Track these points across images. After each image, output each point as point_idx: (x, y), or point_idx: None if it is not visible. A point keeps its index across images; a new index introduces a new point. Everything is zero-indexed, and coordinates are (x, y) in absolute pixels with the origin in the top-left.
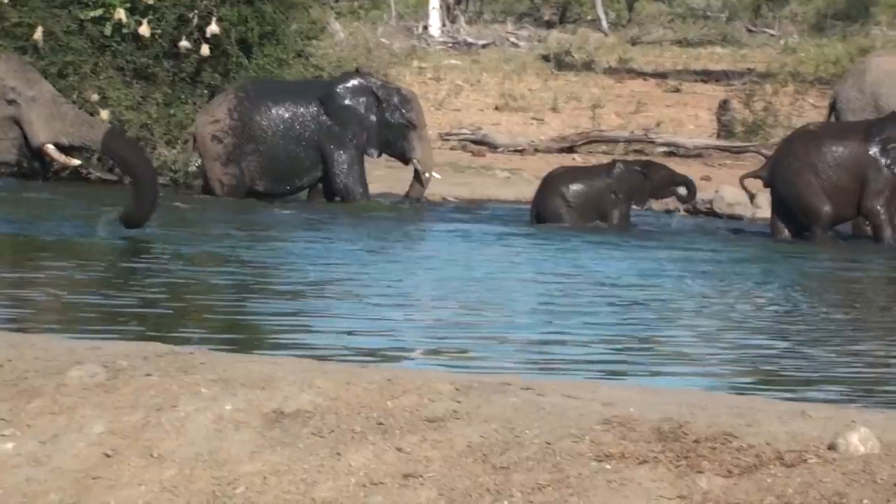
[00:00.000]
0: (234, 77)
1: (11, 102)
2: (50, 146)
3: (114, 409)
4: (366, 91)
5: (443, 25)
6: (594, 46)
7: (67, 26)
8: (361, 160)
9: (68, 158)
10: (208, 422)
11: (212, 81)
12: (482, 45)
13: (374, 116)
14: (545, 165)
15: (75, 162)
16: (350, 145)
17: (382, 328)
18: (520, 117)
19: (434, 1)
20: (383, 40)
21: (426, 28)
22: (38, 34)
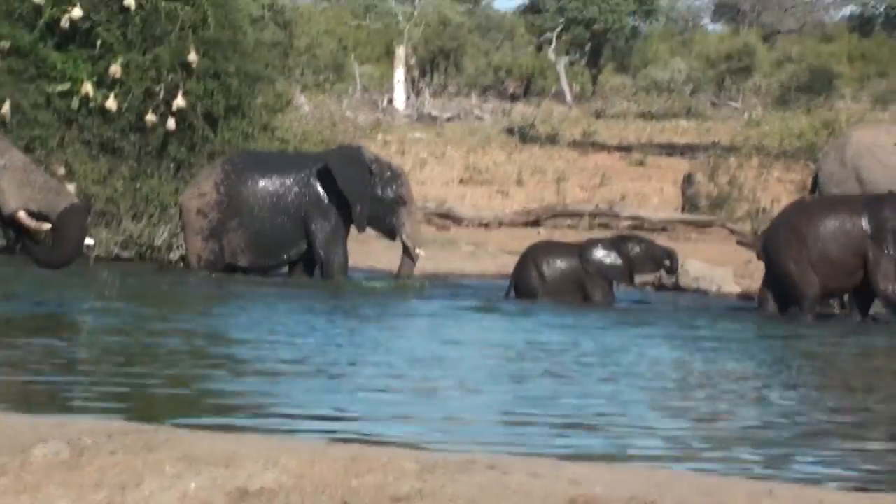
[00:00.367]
0: (201, 151)
1: None
2: (21, 213)
3: (78, 488)
4: (361, 164)
5: (407, 99)
6: (558, 119)
7: (35, 100)
8: (345, 235)
9: (39, 224)
10: (173, 500)
11: (178, 155)
12: (447, 118)
13: (367, 187)
14: (510, 239)
15: (46, 226)
16: (336, 219)
17: (348, 405)
18: (484, 190)
19: (399, 74)
20: (348, 113)
21: (391, 101)
22: (6, 108)
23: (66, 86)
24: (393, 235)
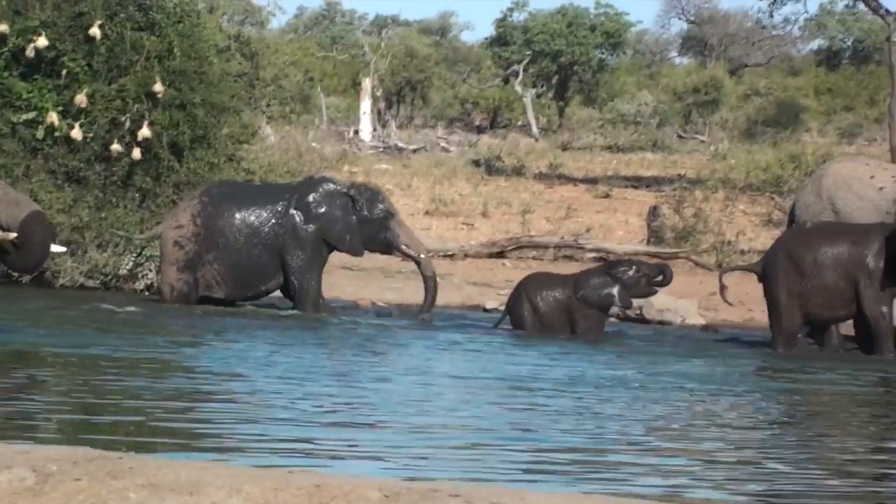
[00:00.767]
0: (166, 181)
1: None
2: None
3: None
4: (338, 194)
5: (374, 130)
6: (524, 151)
7: (0, 129)
8: (321, 266)
9: (4, 234)
10: None
11: (143, 185)
12: (413, 150)
13: (353, 216)
14: (475, 270)
15: (12, 235)
16: (312, 250)
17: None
18: (450, 222)
19: (365, 105)
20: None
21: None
22: None
23: (32, 115)
24: (390, 250)
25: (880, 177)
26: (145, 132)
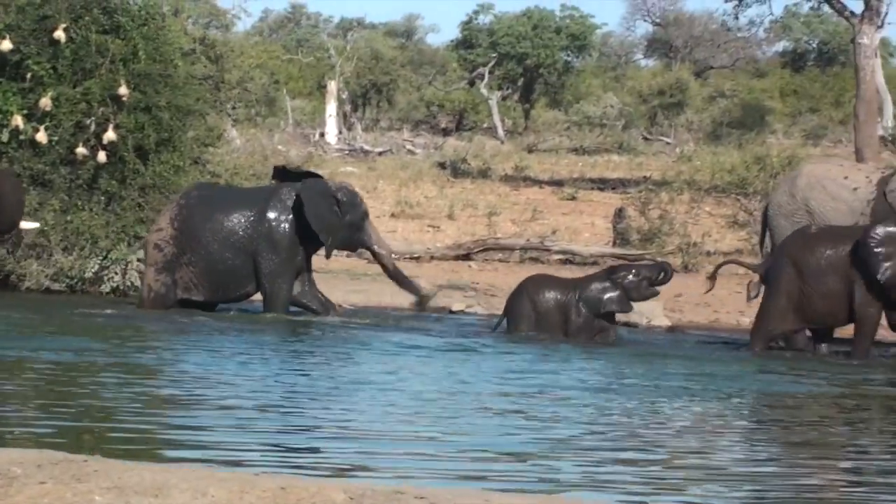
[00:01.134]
0: (132, 184)
1: None
2: None
3: None
4: (327, 194)
5: (339, 133)
6: (490, 154)
7: None
8: (293, 270)
9: None
10: None
11: (109, 188)
12: (378, 153)
13: (338, 218)
14: (441, 272)
15: None
16: (285, 254)
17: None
18: (416, 224)
19: (331, 108)
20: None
21: (323, 135)
22: None
23: None
24: (355, 250)
25: (854, 177)
26: (110, 135)
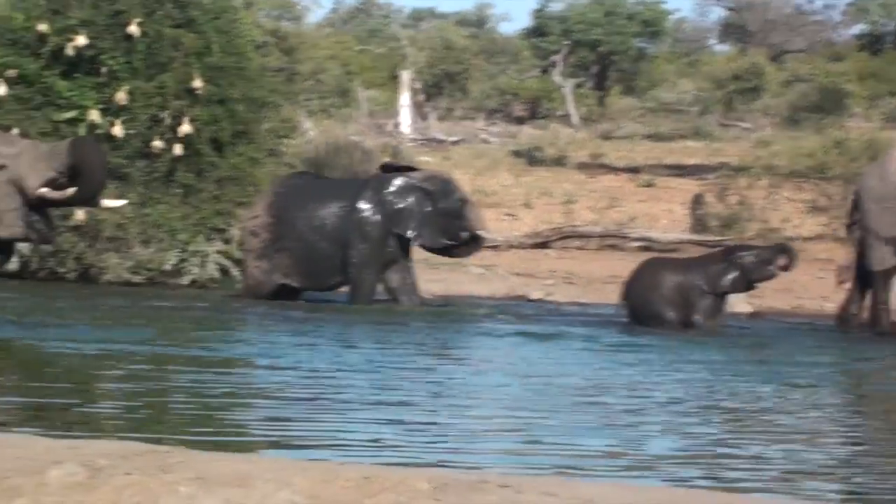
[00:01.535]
0: (208, 176)
1: (1, 168)
2: (43, 189)
3: None
4: (413, 188)
5: (414, 122)
6: (566, 142)
7: (42, 128)
8: (380, 261)
9: (62, 192)
10: None
11: (185, 181)
12: (453, 142)
13: (429, 208)
14: (519, 261)
15: (70, 191)
16: (374, 245)
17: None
18: (493, 213)
19: (405, 98)
20: (354, 138)
21: (397, 125)
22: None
23: (73, 113)
24: (459, 239)
25: None
26: (186, 128)
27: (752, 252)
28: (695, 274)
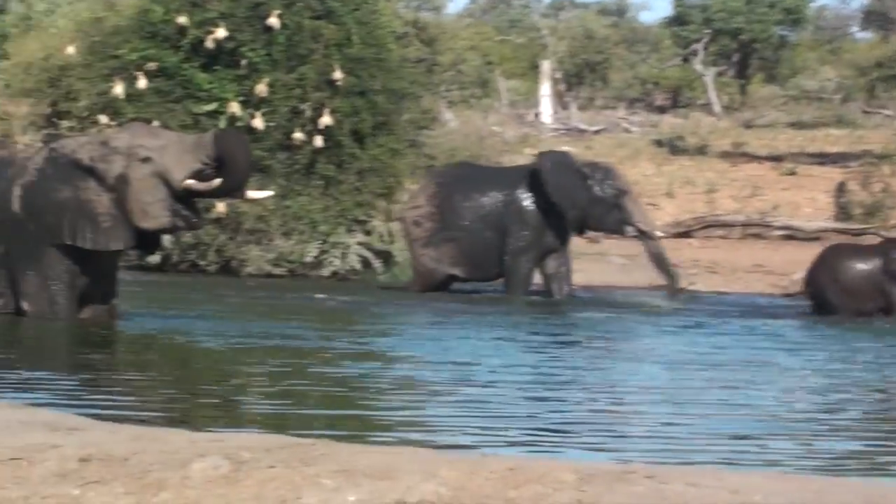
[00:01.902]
0: (348, 168)
1: (146, 160)
2: (190, 180)
3: (238, 502)
4: (571, 167)
5: (554, 112)
6: (707, 131)
7: (182, 120)
8: (537, 251)
9: (208, 184)
10: None
11: (326, 172)
12: (595, 131)
13: (585, 194)
14: None
15: (216, 182)
16: (532, 234)
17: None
18: None
19: (545, 88)
20: (495, 128)
21: (538, 115)
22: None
23: (213, 106)
24: (623, 230)
25: None
26: (326, 120)
27: None
28: (885, 260)
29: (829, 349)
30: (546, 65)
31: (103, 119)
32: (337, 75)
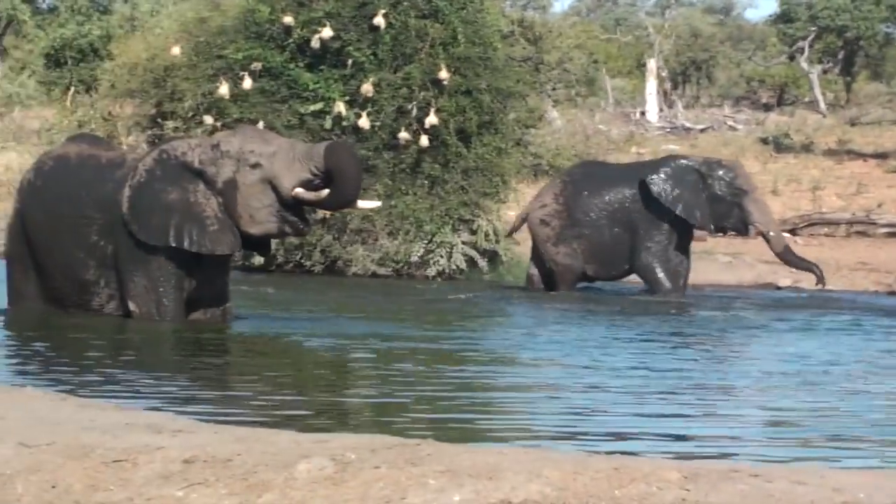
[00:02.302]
0: (454, 167)
1: (256, 166)
2: (299, 189)
3: (343, 502)
4: (689, 170)
5: (660, 111)
6: (813, 128)
7: (288, 120)
8: (672, 247)
9: (317, 193)
10: None
11: (432, 172)
12: (700, 130)
13: (704, 193)
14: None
15: (325, 192)
16: (666, 232)
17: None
18: None
19: (651, 87)
20: (601, 127)
21: (643, 114)
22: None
23: (319, 105)
24: (745, 230)
25: None
26: (432, 119)
27: None
28: None
29: None
30: (652, 63)
31: (208, 120)
32: (443, 74)
